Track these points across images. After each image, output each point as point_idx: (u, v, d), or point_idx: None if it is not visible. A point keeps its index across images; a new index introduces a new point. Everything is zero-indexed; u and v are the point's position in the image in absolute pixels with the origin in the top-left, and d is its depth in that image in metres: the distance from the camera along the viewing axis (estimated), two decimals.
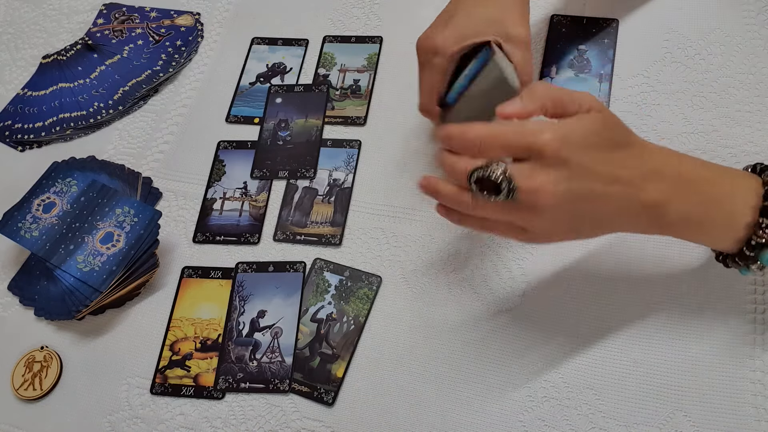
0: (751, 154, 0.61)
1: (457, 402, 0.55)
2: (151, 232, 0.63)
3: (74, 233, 0.64)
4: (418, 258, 0.62)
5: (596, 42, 0.70)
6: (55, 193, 0.67)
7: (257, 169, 0.71)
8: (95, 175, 0.70)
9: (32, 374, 0.62)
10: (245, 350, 0.60)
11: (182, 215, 0.69)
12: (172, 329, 0.63)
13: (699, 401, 0.51)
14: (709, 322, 0.54)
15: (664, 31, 0.70)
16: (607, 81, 0.67)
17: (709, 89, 0.65)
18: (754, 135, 0.62)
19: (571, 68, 0.69)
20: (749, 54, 0.66)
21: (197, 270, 0.65)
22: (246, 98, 0.77)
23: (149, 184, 0.72)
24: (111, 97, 0.78)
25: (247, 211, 0.68)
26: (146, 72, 0.80)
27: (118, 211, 0.65)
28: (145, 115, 0.78)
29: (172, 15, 0.85)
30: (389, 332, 0.59)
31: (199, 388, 0.59)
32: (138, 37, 0.84)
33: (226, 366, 0.60)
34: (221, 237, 0.67)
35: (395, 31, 0.78)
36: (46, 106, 0.80)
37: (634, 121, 0.65)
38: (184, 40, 0.82)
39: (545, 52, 0.71)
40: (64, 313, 0.62)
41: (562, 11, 0.73)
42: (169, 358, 0.61)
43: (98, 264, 0.62)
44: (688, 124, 0.64)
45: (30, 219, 0.66)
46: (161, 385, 0.60)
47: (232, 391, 0.59)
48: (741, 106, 0.64)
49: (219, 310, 0.63)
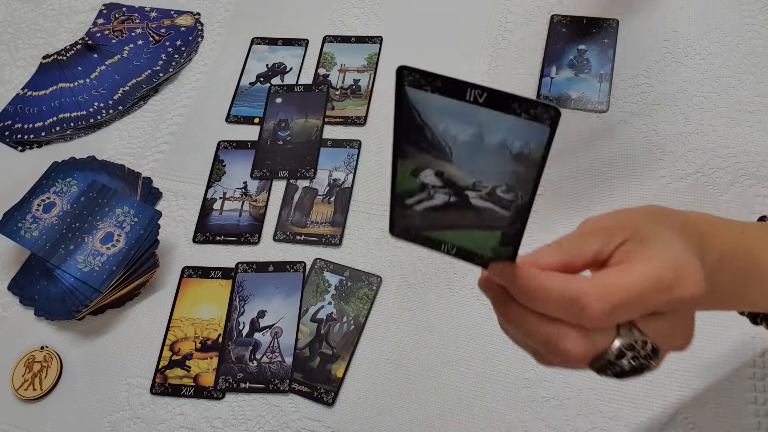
0: (752, 154, 0.61)
1: (457, 402, 0.55)
2: (151, 232, 0.63)
3: (74, 233, 0.64)
4: (418, 258, 0.62)
5: (596, 42, 0.70)
6: (55, 193, 0.67)
7: (257, 169, 0.71)
8: (95, 175, 0.70)
9: (32, 374, 0.62)
10: (245, 350, 0.60)
11: (182, 215, 0.69)
12: (172, 329, 0.63)
13: (699, 403, 0.51)
14: (710, 325, 0.54)
15: (664, 30, 0.70)
16: (607, 81, 0.67)
17: (709, 89, 0.65)
18: (754, 135, 0.62)
19: (571, 68, 0.69)
20: (749, 54, 0.66)
21: (197, 270, 0.65)
22: (246, 98, 0.77)
23: (149, 184, 0.72)
24: (111, 97, 0.78)
25: (247, 211, 0.68)
26: (146, 72, 0.80)
27: (118, 211, 0.65)
28: (145, 115, 0.78)
29: (172, 15, 0.85)
30: (389, 332, 0.59)
31: (199, 388, 0.59)
32: (138, 37, 0.84)
33: (226, 366, 0.60)
34: (221, 237, 0.67)
35: (395, 31, 0.78)
36: (46, 106, 0.79)
37: (634, 121, 0.65)
38: (184, 40, 0.82)
39: (545, 51, 0.70)
40: (64, 313, 0.62)
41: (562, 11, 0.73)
42: (169, 358, 0.61)
43: (98, 264, 0.62)
44: (689, 124, 0.64)
45: (30, 219, 0.66)
46: (161, 385, 0.60)
47: (232, 391, 0.59)
48: (741, 106, 0.64)
49: (219, 310, 0.63)
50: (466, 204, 0.32)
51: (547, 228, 0.54)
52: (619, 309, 0.31)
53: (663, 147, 0.63)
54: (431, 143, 0.30)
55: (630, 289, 0.31)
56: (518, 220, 0.32)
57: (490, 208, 0.31)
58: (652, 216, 0.36)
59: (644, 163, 0.63)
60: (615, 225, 0.35)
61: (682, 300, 0.32)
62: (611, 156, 0.64)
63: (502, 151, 0.29)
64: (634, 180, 0.62)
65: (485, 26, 0.75)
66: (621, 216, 0.36)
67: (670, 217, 0.37)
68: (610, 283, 0.31)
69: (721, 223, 0.39)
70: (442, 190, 0.32)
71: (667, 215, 0.37)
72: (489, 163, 0.30)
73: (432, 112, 0.29)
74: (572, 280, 0.32)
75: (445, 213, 0.33)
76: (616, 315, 0.31)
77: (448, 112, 0.29)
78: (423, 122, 0.30)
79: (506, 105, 0.27)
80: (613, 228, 0.35)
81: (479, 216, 0.32)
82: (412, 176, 0.32)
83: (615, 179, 0.63)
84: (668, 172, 0.62)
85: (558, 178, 0.64)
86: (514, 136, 0.29)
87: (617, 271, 0.33)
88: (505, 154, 0.29)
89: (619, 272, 0.32)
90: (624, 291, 0.31)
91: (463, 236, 0.34)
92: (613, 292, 0.31)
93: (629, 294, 0.31)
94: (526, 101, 0.27)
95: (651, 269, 0.32)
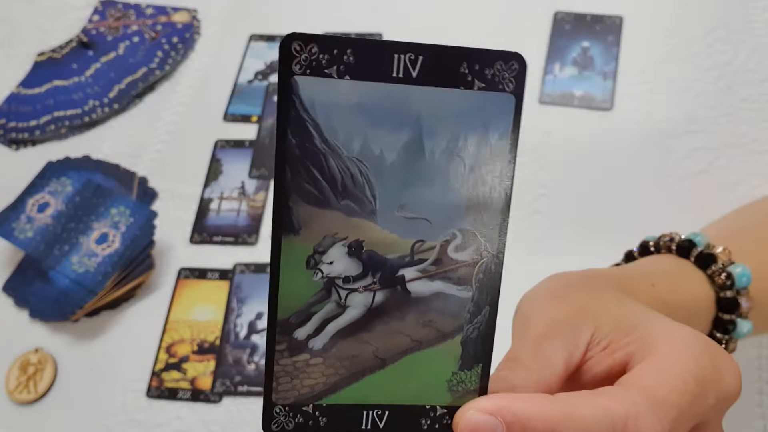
0: (756, 153, 0.60)
1: None
2: (147, 233, 0.63)
3: (69, 234, 0.63)
4: None
5: (600, 39, 0.69)
6: (49, 193, 0.66)
7: (255, 168, 0.70)
8: (90, 174, 0.70)
9: (27, 377, 0.61)
10: (243, 353, 0.59)
11: (179, 215, 0.68)
12: (168, 331, 0.62)
13: None
14: None
15: (668, 28, 0.69)
16: (611, 78, 0.66)
17: (714, 87, 0.64)
18: (759, 134, 0.61)
19: (574, 65, 0.68)
20: (755, 51, 0.66)
21: (194, 271, 0.65)
22: (244, 96, 0.76)
23: (145, 183, 0.71)
24: (106, 95, 0.78)
25: (245, 211, 0.67)
26: (142, 69, 0.79)
27: (113, 212, 0.64)
28: (141, 113, 0.77)
29: (168, 12, 0.84)
30: None
31: (196, 392, 0.58)
32: (134, 34, 0.83)
33: (224, 369, 0.59)
34: (219, 237, 0.66)
35: (395, 28, 0.77)
36: (40, 104, 0.79)
37: (638, 119, 0.64)
38: (181, 37, 0.81)
39: (549, 49, 0.70)
40: (58, 315, 0.61)
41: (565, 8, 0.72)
42: (166, 361, 0.60)
43: (93, 265, 0.61)
44: (693, 122, 0.63)
45: (24, 219, 0.65)
46: (157, 389, 0.59)
47: (229, 394, 0.58)
48: (746, 104, 0.63)
49: (216, 312, 0.62)
50: (400, 298, 0.20)
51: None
52: (679, 425, 0.22)
53: (668, 146, 0.62)
54: (338, 182, 0.18)
55: (683, 393, 0.23)
56: (487, 301, 0.21)
57: (441, 293, 0.20)
58: (597, 287, 0.30)
59: (649, 162, 0.62)
60: (567, 314, 0.27)
61: (728, 396, 0.24)
62: (615, 155, 0.63)
63: (451, 166, 0.19)
64: (639, 180, 0.61)
65: (487, 23, 0.74)
66: (562, 302, 0.28)
67: (604, 283, 0.31)
68: (657, 389, 0.22)
69: (632, 279, 0.34)
70: (361, 283, 0.19)
71: (600, 282, 0.31)
72: (433, 194, 0.18)
73: (341, 117, 0.17)
74: (603, 396, 0.23)
75: (364, 334, 0.20)
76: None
77: (365, 111, 0.18)
78: (325, 141, 0.18)
79: (452, 71, 0.18)
80: (568, 319, 0.27)
81: (423, 318, 0.20)
82: (307, 271, 0.19)
83: (618, 179, 0.62)
84: (673, 171, 0.61)
85: (558, 179, 0.63)
86: (466, 130, 0.18)
87: (647, 371, 0.24)
88: (457, 168, 0.19)
89: (652, 373, 0.23)
90: (678, 397, 0.22)
91: (398, 378, 0.20)
92: (667, 400, 0.22)
93: (682, 401, 0.22)
94: (477, 54, 0.18)
95: (690, 362, 0.23)
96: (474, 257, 0.19)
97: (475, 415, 0.21)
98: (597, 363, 0.26)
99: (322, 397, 0.20)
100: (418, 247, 0.19)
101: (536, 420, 0.21)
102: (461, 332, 0.20)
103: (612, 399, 0.22)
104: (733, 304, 0.37)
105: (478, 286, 0.20)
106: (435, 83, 0.18)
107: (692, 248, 0.39)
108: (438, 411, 0.20)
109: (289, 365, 0.20)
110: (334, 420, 0.21)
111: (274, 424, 0.22)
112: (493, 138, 0.18)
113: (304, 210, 0.17)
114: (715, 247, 0.38)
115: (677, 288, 0.36)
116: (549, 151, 0.64)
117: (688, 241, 0.39)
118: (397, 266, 0.19)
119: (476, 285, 0.20)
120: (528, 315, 0.29)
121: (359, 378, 0.20)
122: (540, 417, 0.21)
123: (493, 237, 0.19)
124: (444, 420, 0.21)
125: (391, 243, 0.19)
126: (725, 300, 0.37)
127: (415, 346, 0.20)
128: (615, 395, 0.23)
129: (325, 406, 0.20)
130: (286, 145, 0.17)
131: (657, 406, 0.22)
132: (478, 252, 0.19)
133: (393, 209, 0.19)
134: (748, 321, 0.37)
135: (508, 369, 0.25)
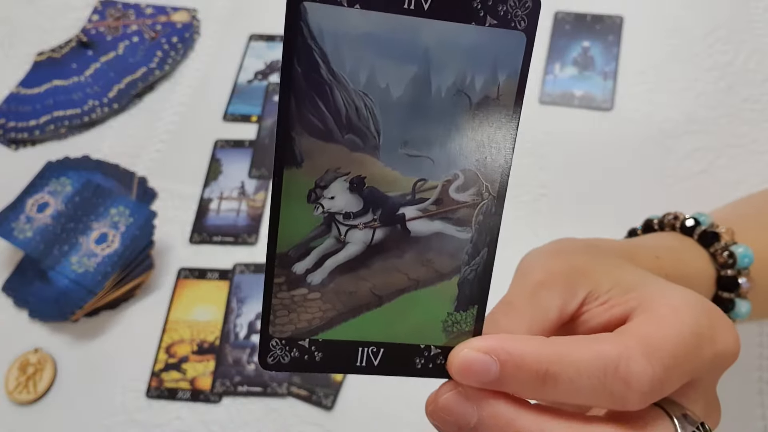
0: (756, 154, 0.60)
1: None
2: (147, 233, 0.62)
3: (68, 234, 0.63)
4: None
5: (601, 39, 0.69)
6: (49, 193, 0.66)
7: (255, 168, 0.70)
8: (90, 174, 0.69)
9: (26, 377, 0.61)
10: (243, 353, 0.59)
11: (178, 215, 0.68)
12: (168, 331, 0.62)
13: None
14: None
15: (669, 28, 0.69)
16: (612, 78, 0.66)
17: (714, 87, 0.64)
18: (759, 134, 0.61)
19: (575, 65, 0.68)
20: (755, 51, 0.65)
21: (194, 271, 0.64)
22: (243, 96, 0.75)
23: (144, 183, 0.71)
24: (106, 95, 0.77)
25: (245, 211, 0.67)
26: (142, 69, 0.79)
27: (112, 211, 0.64)
28: (141, 113, 0.77)
29: (168, 11, 0.84)
30: None
31: (196, 392, 0.58)
32: (133, 33, 0.83)
33: (224, 369, 0.59)
34: (218, 237, 0.66)
35: None
36: (40, 104, 0.78)
37: (638, 119, 0.64)
38: (181, 37, 0.81)
39: (549, 49, 0.69)
40: (58, 315, 0.61)
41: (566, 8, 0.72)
42: (165, 361, 0.60)
43: (93, 265, 0.61)
44: (693, 122, 0.63)
45: (24, 219, 0.65)
46: (157, 389, 0.59)
47: (229, 394, 0.58)
48: (747, 105, 0.63)
49: (216, 312, 0.62)
50: (400, 237, 0.19)
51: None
52: (671, 373, 0.22)
53: (668, 146, 0.62)
54: (342, 115, 0.17)
55: (677, 344, 0.22)
56: (485, 243, 0.20)
57: (440, 233, 0.19)
58: (599, 251, 0.30)
59: (649, 162, 0.62)
60: (566, 269, 0.28)
61: (724, 355, 0.24)
62: (615, 155, 0.63)
63: (457, 105, 0.18)
64: (639, 180, 0.61)
65: None
66: (563, 258, 0.29)
67: (608, 250, 0.31)
68: (653, 336, 0.22)
69: (636, 249, 0.34)
70: (362, 220, 0.19)
71: (605, 250, 0.31)
72: (437, 133, 0.18)
73: (349, 47, 0.17)
74: (597, 340, 0.23)
75: (362, 271, 0.19)
76: (669, 383, 0.22)
77: (374, 42, 0.17)
78: (331, 72, 0.17)
79: (464, 6, 0.17)
80: (566, 273, 0.27)
81: (421, 257, 0.19)
82: (308, 205, 0.18)
83: (619, 179, 0.62)
84: (674, 171, 0.61)
85: (558, 179, 0.63)
86: (474, 67, 0.18)
87: (645, 322, 0.24)
88: (463, 106, 0.18)
89: (649, 323, 0.23)
90: (672, 346, 0.22)
91: (394, 316, 0.20)
92: (661, 347, 0.22)
93: (676, 350, 0.22)
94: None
95: (687, 317, 0.23)
96: (475, 198, 0.19)
97: (469, 354, 0.21)
98: (594, 316, 0.26)
99: (318, 332, 0.20)
100: (419, 186, 0.19)
101: (530, 359, 0.22)
102: (458, 273, 0.20)
103: (606, 342, 0.23)
104: (733, 283, 0.37)
105: (477, 228, 0.20)
106: (446, 17, 0.17)
107: (696, 226, 0.39)
108: (432, 351, 0.21)
109: (287, 299, 0.20)
110: (330, 355, 0.20)
111: (270, 357, 0.21)
112: (501, 77, 0.18)
113: (307, 142, 0.17)
114: (719, 227, 0.39)
115: (680, 263, 0.37)
116: (549, 151, 0.64)
117: (693, 219, 0.40)
118: (398, 204, 0.19)
119: (476, 227, 0.20)
120: (528, 265, 0.30)
121: (356, 314, 0.20)
122: (534, 357, 0.22)
123: (494, 179, 0.19)
124: (438, 360, 0.22)
125: (393, 180, 0.18)
126: (726, 278, 0.37)
127: (412, 284, 0.20)
128: (609, 340, 0.23)
129: (321, 341, 0.20)
130: (291, 74, 0.17)
131: (650, 351, 0.22)
132: (479, 193, 0.19)
133: (396, 146, 0.18)
134: (747, 301, 0.37)
135: (501, 312, 0.26)
